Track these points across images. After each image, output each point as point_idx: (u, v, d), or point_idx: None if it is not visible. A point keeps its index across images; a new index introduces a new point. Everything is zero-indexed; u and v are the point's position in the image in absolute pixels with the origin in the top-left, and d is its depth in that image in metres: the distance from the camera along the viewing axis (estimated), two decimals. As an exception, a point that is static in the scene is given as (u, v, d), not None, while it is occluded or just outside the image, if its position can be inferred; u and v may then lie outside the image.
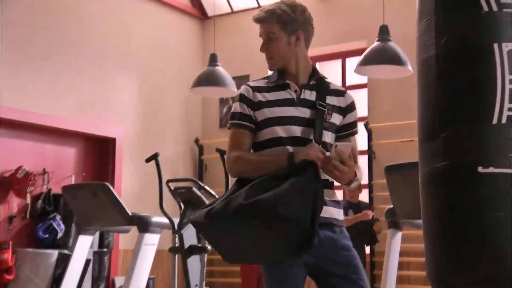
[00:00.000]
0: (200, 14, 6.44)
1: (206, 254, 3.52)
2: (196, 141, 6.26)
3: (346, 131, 1.94)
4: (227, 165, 1.89)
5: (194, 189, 3.46)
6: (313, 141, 1.82)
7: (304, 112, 1.87)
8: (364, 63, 4.25)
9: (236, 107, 1.91)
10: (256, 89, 1.90)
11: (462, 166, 1.61)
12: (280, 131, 1.83)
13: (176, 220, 3.46)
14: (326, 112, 1.87)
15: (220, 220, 1.71)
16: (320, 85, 1.92)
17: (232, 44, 6.23)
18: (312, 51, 7.15)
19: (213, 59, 4.93)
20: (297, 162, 1.75)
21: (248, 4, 6.25)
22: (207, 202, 3.50)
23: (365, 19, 5.47)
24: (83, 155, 5.43)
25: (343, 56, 5.87)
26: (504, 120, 1.66)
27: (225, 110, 6.26)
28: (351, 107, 1.95)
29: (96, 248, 5.03)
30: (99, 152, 5.54)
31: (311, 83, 1.91)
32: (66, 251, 4.67)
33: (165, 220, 3.47)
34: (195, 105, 6.36)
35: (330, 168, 1.75)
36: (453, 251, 1.64)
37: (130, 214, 3.39)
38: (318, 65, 6.06)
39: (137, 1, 5.88)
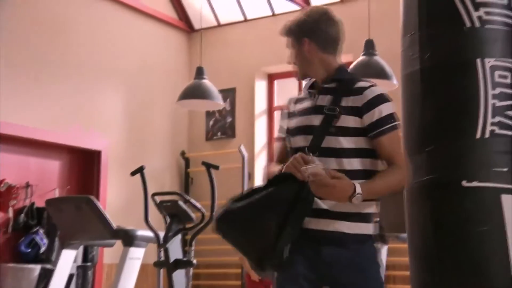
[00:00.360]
0: (187, 27, 6.46)
1: (191, 268, 3.49)
2: (182, 154, 6.24)
3: (372, 132, 1.80)
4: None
5: (180, 202, 3.44)
6: (306, 149, 1.77)
7: (314, 120, 1.82)
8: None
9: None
10: (294, 100, 1.96)
11: (447, 180, 1.63)
12: (294, 142, 1.85)
13: (162, 234, 3.43)
14: (336, 116, 1.79)
15: (225, 222, 1.83)
16: (339, 87, 1.85)
17: (219, 57, 6.24)
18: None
19: (199, 72, 4.93)
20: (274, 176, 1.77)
21: (235, 17, 6.28)
22: (192, 215, 3.49)
23: (351, 33, 5.46)
24: (67, 168, 5.38)
25: (329, 69, 5.91)
26: (487, 135, 1.68)
27: (211, 123, 6.26)
28: (369, 105, 1.81)
29: (79, 262, 4.96)
30: (84, 165, 5.49)
31: (326, 86, 1.87)
32: (49, 266, 4.60)
33: (150, 233, 3.44)
34: (181, 118, 6.35)
35: (315, 190, 1.69)
36: (437, 266, 1.64)
37: (115, 227, 3.35)
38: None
39: (123, 13, 5.87)
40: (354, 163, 1.77)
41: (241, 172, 5.65)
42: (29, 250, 4.73)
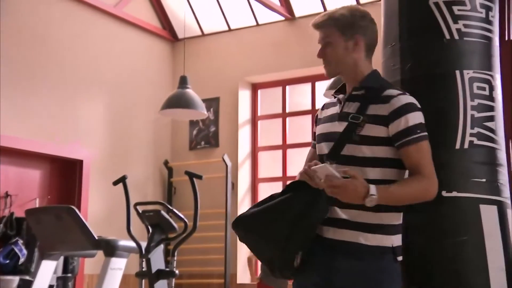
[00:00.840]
0: (171, 36, 6.45)
1: (173, 279, 3.46)
2: (166, 163, 6.21)
3: (398, 141, 1.67)
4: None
5: (162, 212, 3.42)
6: (325, 157, 1.72)
7: (338, 127, 1.74)
8: (333, 87, 4.32)
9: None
10: (325, 106, 1.89)
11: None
12: (320, 149, 1.81)
13: (144, 244, 3.40)
14: (360, 125, 1.69)
15: (242, 228, 1.79)
16: (368, 94, 1.73)
17: (202, 66, 6.25)
18: (282, 74, 7.14)
19: (183, 81, 4.92)
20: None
21: (219, 27, 6.30)
22: (175, 225, 3.46)
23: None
24: (48, 177, 5.31)
25: (312, 79, 5.94)
26: (466, 145, 1.70)
27: (195, 132, 6.24)
28: (395, 114, 1.68)
29: (60, 273, 4.88)
30: (65, 175, 5.43)
31: (354, 93, 1.76)
32: (28, 277, 4.52)
33: (132, 244, 3.41)
34: (164, 127, 6.32)
35: (328, 192, 1.61)
36: (417, 275, 1.66)
37: (96, 237, 3.32)
38: (288, 88, 6.12)
39: (107, 23, 5.85)
40: (376, 173, 1.68)
41: (225, 182, 5.64)
42: (8, 261, 4.64)
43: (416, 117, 1.68)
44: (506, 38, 2.55)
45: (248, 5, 6.01)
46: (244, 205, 5.97)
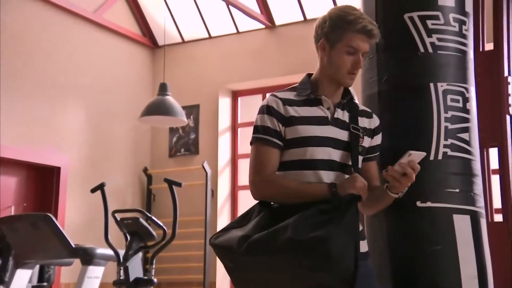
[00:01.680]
0: (151, 43, 6.44)
1: (152, 287, 3.44)
2: (145, 170, 6.17)
3: (371, 154, 1.76)
4: (253, 184, 1.68)
5: (141, 220, 3.39)
6: (352, 169, 1.67)
7: (338, 133, 1.69)
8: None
9: (264, 120, 1.70)
10: (286, 102, 1.71)
11: (402, 201, 1.67)
12: (315, 153, 1.66)
13: (122, 252, 3.37)
14: (360, 135, 1.71)
15: (262, 253, 1.55)
16: (351, 105, 1.75)
17: (183, 73, 6.24)
18: (262, 82, 7.14)
19: (163, 88, 4.91)
20: (341, 195, 1.59)
21: (199, 34, 6.30)
22: (154, 233, 3.44)
23: (314, 52, 5.60)
24: (24, 184, 5.23)
25: (292, 87, 5.99)
26: (440, 156, 1.74)
27: (174, 139, 6.22)
28: (378, 129, 1.77)
29: (35, 282, 4.80)
30: (42, 182, 5.36)
31: (343, 102, 1.74)
32: (2, 287, 4.44)
33: (110, 252, 3.38)
34: (144, 134, 6.29)
35: (393, 175, 1.58)
36: (393, 284, 1.68)
37: (73, 246, 3.28)
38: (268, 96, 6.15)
39: (87, 29, 5.81)
40: None
41: (204, 189, 5.63)
42: (-18, 270, 4.55)
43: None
44: (481, 49, 2.61)
45: (229, 13, 6.03)
46: (224, 213, 5.96)
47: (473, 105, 1.92)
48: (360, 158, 1.71)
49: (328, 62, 1.73)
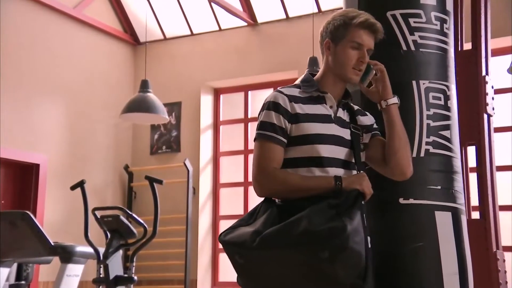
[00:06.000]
0: (132, 40, 6.38)
1: (132, 285, 3.41)
2: (126, 168, 6.12)
3: (371, 132, 1.80)
4: (257, 180, 1.66)
5: (122, 217, 3.37)
6: (356, 166, 1.69)
7: (341, 132, 1.71)
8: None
9: (270, 116, 1.68)
10: (292, 99, 1.69)
11: (385, 197, 1.68)
12: (321, 150, 1.65)
13: (102, 250, 3.34)
14: (361, 134, 1.74)
15: (276, 246, 1.52)
16: (348, 104, 1.78)
17: (164, 71, 6.20)
18: (244, 80, 7.15)
19: (144, 85, 4.88)
20: (348, 190, 1.59)
21: (181, 31, 6.27)
22: (134, 230, 3.42)
23: (296, 50, 5.63)
24: (2, 182, 5.14)
25: (275, 85, 5.98)
26: (422, 154, 1.75)
27: (156, 136, 6.18)
28: (372, 127, 1.81)
29: (12, 281, 4.72)
30: (21, 179, 5.27)
31: (344, 101, 1.76)
32: (-21, 285, 4.36)
33: (90, 249, 3.34)
34: (125, 132, 6.24)
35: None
36: (376, 280, 1.69)
37: (52, 243, 3.24)
38: (250, 94, 6.15)
39: (66, 25, 5.73)
40: None
41: (186, 187, 5.60)
42: (-42, 268, 4.46)
43: None
44: (460, 48, 2.64)
45: (211, 10, 6.01)
46: (205, 210, 5.95)
47: (454, 103, 1.94)
48: (363, 155, 1.74)
49: (333, 59, 1.73)
